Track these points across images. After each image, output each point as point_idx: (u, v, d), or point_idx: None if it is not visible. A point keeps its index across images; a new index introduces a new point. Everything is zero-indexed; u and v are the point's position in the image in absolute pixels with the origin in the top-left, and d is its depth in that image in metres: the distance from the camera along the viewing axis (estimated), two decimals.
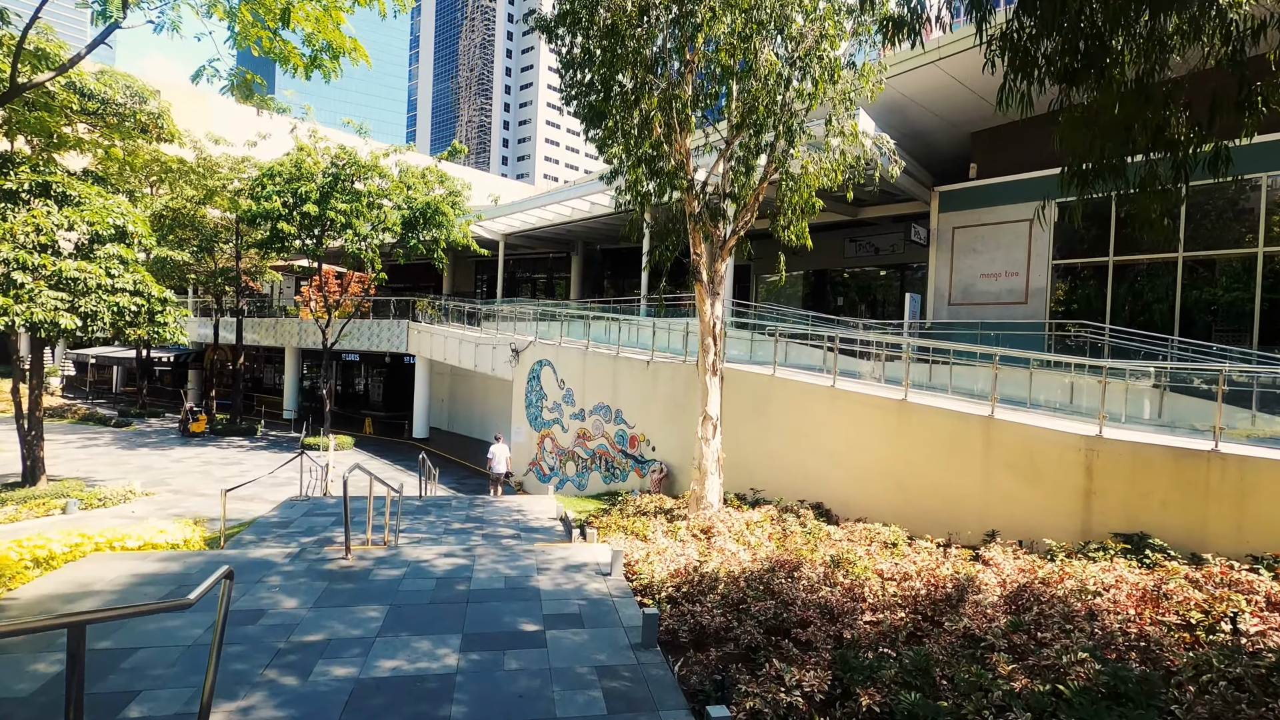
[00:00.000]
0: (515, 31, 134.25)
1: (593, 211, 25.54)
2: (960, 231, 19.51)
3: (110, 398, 38.85)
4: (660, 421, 15.28)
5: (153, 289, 15.74)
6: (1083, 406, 10.53)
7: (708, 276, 10.84)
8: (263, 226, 23.76)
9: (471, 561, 7.39)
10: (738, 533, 9.66)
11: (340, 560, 7.19)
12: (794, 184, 10.55)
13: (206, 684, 3.47)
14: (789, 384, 12.55)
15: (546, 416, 18.80)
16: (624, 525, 10.17)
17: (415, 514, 12.86)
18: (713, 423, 10.70)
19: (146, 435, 26.81)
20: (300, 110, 23.59)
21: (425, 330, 26.66)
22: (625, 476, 16.15)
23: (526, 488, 19.35)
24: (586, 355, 17.57)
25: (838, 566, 6.74)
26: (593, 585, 6.74)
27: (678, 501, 12.01)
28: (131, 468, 20.45)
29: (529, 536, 11.38)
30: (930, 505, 10.24)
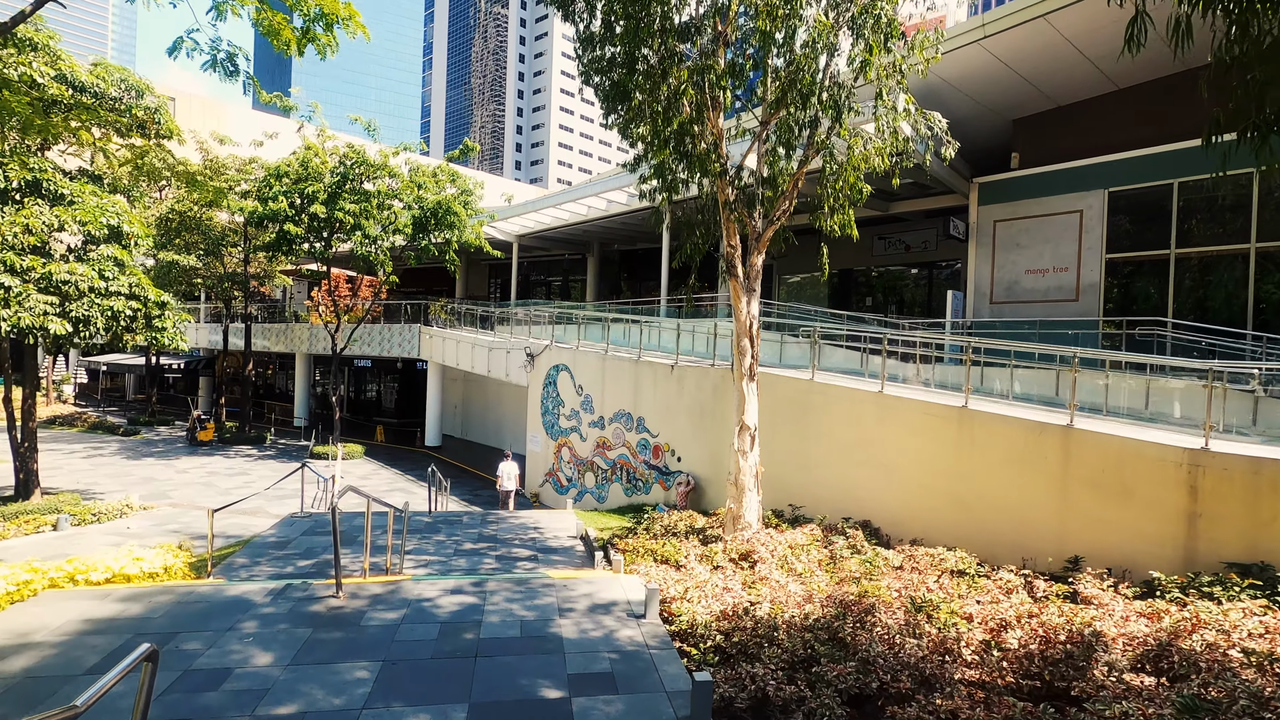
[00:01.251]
0: (528, 36, 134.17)
1: (610, 210, 24.55)
2: (1002, 225, 18.28)
3: (122, 405, 38.42)
4: (686, 430, 14.21)
5: (149, 292, 14.92)
6: (1173, 415, 9.33)
7: (743, 272, 9.77)
8: (269, 229, 23.02)
9: (482, 600, 6.37)
10: (782, 558, 8.57)
11: (330, 599, 6.21)
12: (838, 168, 9.46)
13: None
14: (830, 390, 11.44)
15: (564, 424, 17.79)
16: (652, 548, 9.10)
17: (424, 532, 11.88)
18: (750, 433, 9.63)
19: (154, 444, 26.15)
20: (307, 108, 22.85)
21: (437, 335, 25.79)
22: (648, 489, 15.09)
23: (543, 500, 18.34)
24: (606, 359, 16.55)
25: (919, 611, 5.64)
26: (625, 632, 5.70)
27: (710, 520, 10.92)
28: (134, 479, 19.70)
29: (547, 559, 10.35)
30: (998, 526, 9.08)
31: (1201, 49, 4.59)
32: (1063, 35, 14.47)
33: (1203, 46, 4.59)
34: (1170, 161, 15.16)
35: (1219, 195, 14.44)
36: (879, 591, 6.35)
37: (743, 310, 9.71)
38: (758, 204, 9.86)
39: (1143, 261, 15.87)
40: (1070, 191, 16.80)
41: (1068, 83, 16.48)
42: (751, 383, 9.71)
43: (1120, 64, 15.51)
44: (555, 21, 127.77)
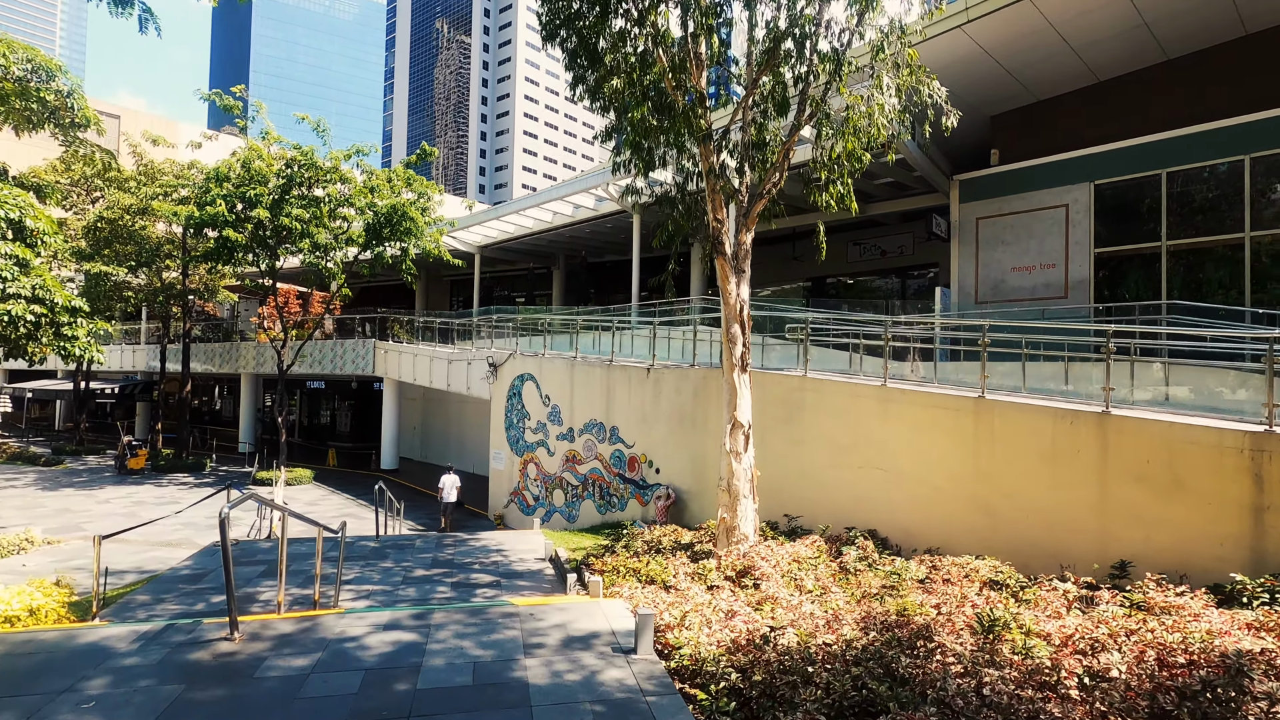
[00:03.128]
0: (491, 61, 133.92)
1: (576, 216, 23.43)
2: (985, 223, 17.65)
3: (50, 435, 35.54)
4: (665, 439, 12.96)
5: (57, 295, 13.19)
6: (1221, 398, 8.43)
7: (731, 250, 8.65)
8: (209, 237, 21.26)
9: (425, 636, 4.95)
10: (786, 572, 7.34)
11: (221, 643, 4.74)
12: (836, 131, 8.46)
13: None
14: (826, 386, 10.33)
15: (529, 439, 16.37)
16: (634, 567, 7.78)
17: (369, 559, 10.34)
18: (744, 431, 8.42)
19: (77, 474, 23.79)
20: (251, 108, 21.32)
21: (393, 350, 24.16)
22: (624, 505, 13.75)
23: (508, 522, 16.82)
24: (575, 366, 15.26)
25: (988, 631, 4.44)
26: (612, 673, 4.38)
27: (697, 533, 9.64)
28: (45, 511, 17.57)
29: (511, 584, 8.93)
30: (1027, 530, 8.00)
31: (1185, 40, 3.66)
32: (1047, 20, 13.92)
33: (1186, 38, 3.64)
34: (1158, 151, 14.66)
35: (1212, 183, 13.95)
36: (918, 609, 5.16)
37: (731, 293, 8.57)
38: (746, 172, 8.79)
39: (1133, 255, 15.29)
40: (1054, 185, 16.23)
41: (1049, 74, 16.00)
42: (744, 374, 8.54)
43: (1103, 54, 15.08)
44: (519, 46, 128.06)
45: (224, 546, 4.44)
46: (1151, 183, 14.84)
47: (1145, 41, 14.57)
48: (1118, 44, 14.57)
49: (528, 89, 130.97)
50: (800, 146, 9.77)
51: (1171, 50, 14.83)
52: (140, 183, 23.41)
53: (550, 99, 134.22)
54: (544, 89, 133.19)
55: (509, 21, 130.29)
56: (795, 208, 22.29)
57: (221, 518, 4.39)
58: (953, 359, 12.86)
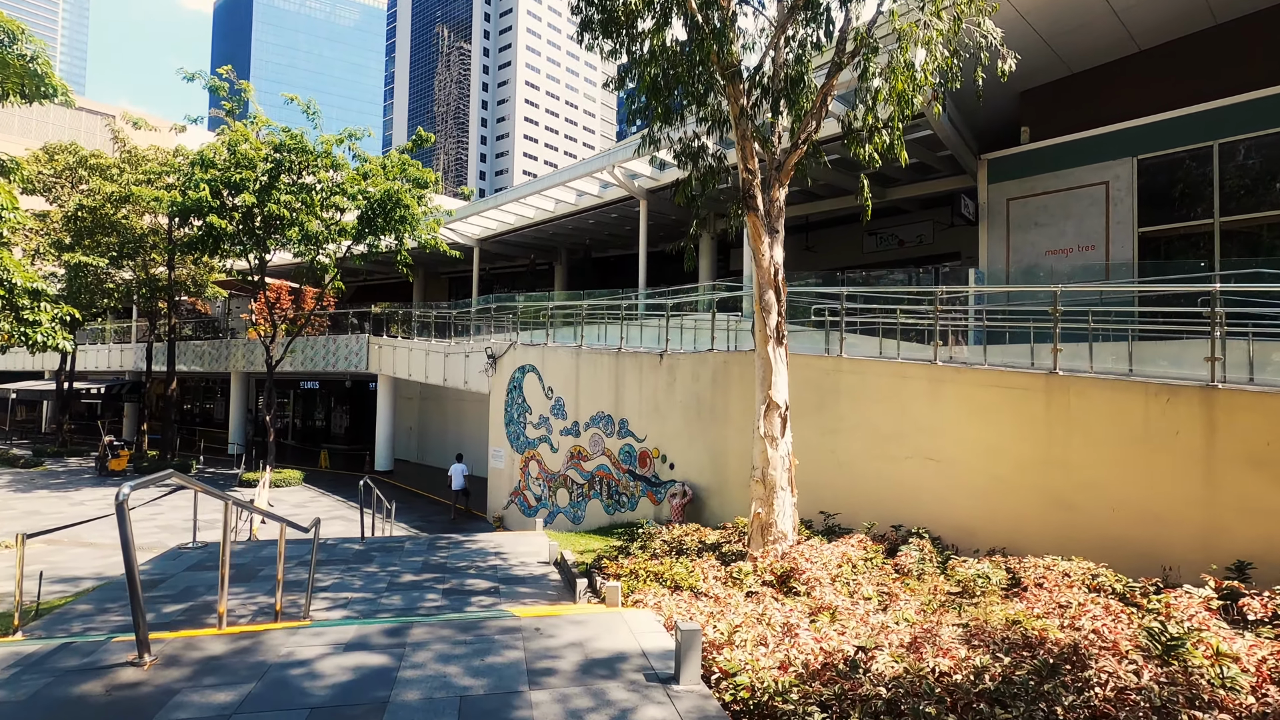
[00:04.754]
0: (491, 65, 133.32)
1: (579, 203, 22.36)
2: (1016, 204, 16.56)
3: (35, 437, 34.38)
4: (680, 431, 11.81)
5: (16, 276, 12.08)
6: None
7: (764, 206, 7.54)
8: (195, 226, 20.17)
9: (399, 659, 3.76)
10: (836, 576, 6.19)
11: (125, 669, 3.57)
12: (885, 68, 7.36)
13: None
14: (866, 367, 9.20)
15: (531, 434, 15.22)
16: (656, 570, 6.63)
17: (352, 563, 9.19)
18: (780, 413, 7.28)
19: (55, 475, 22.62)
20: (235, 89, 20.25)
21: (388, 344, 23.03)
22: (634, 504, 12.60)
23: (508, 524, 15.65)
24: (580, 355, 14.13)
25: (1167, 655, 3.29)
26: (652, 713, 3.22)
27: (723, 533, 8.49)
28: (13, 514, 16.42)
29: (511, 591, 7.78)
30: (1112, 526, 6.85)
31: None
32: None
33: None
34: (1210, 121, 13.55)
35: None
36: (1035, 621, 4.02)
37: (764, 254, 7.45)
38: (780, 118, 7.70)
39: (1182, 234, 14.19)
40: (1093, 162, 15.14)
41: (1087, 42, 14.95)
42: (779, 347, 7.40)
43: (1147, 18, 14.03)
44: (520, 51, 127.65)
45: (124, 541, 3.31)
46: (1202, 155, 13.75)
47: (1193, 4, 13.53)
48: (1163, 6, 13.52)
49: (528, 93, 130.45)
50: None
51: (1221, 13, 13.79)
52: (122, 169, 22.34)
53: (551, 103, 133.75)
54: (544, 93, 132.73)
55: (509, 26, 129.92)
56: (809, 194, 21.23)
57: (119, 501, 3.28)
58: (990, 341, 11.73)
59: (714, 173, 8.51)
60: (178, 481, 3.97)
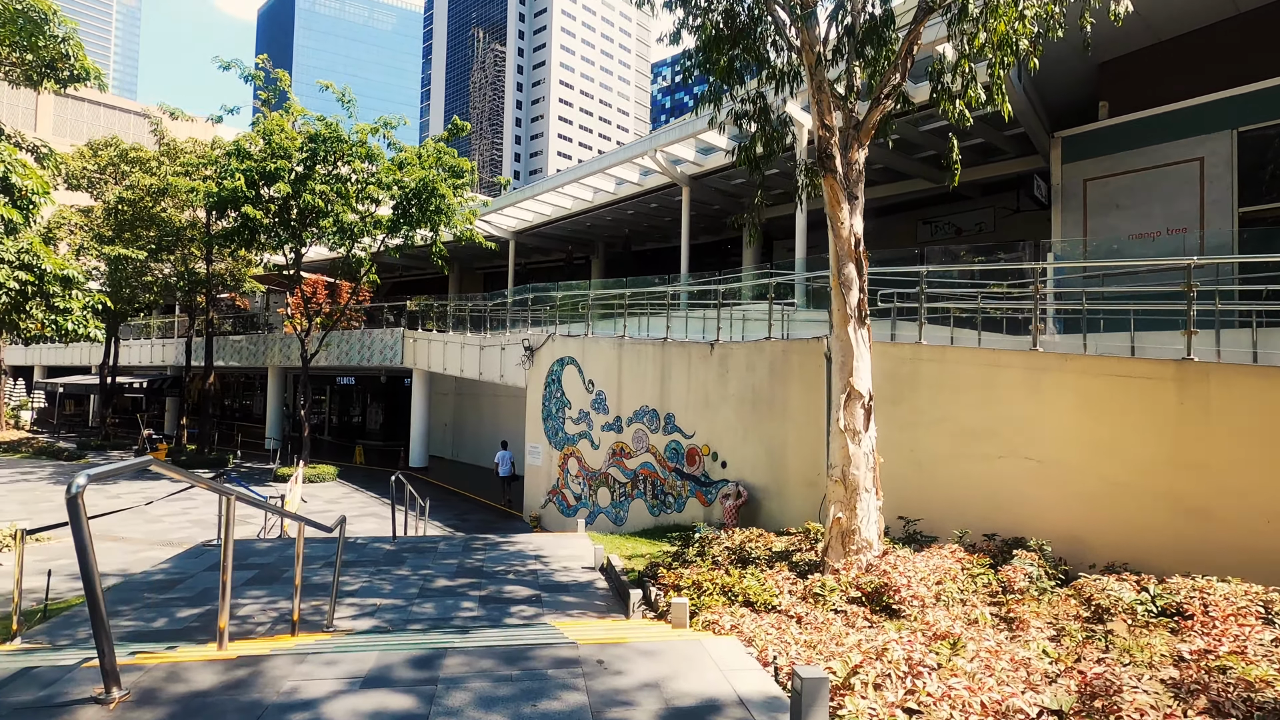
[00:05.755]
0: (525, 65, 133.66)
1: (619, 192, 21.58)
2: (1095, 184, 15.25)
3: (82, 430, 34.94)
4: (733, 426, 10.91)
5: (47, 262, 11.75)
6: None
7: (842, 167, 6.60)
8: (229, 215, 19.94)
9: (429, 704, 2.90)
10: (940, 594, 5.25)
11: (84, 707, 2.80)
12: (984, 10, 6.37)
13: None
14: (951, 355, 8.19)
15: (570, 430, 14.47)
16: (724, 583, 5.76)
17: (382, 565, 8.52)
18: (864, 404, 6.34)
19: (95, 469, 22.67)
20: (271, 78, 19.96)
21: (422, 338, 22.55)
22: (681, 505, 11.73)
23: (546, 524, 14.93)
24: (623, 347, 13.32)
25: None
26: None
27: (791, 539, 7.57)
28: (49, 506, 16.26)
29: (555, 600, 7.00)
30: (1265, 539, 5.76)
31: None
32: None
33: None
34: None
35: None
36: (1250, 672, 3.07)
37: (844, 222, 6.52)
38: (857, 71, 6.77)
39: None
40: (1185, 137, 13.80)
41: (1179, 7, 13.63)
42: (861, 329, 6.47)
43: None
44: (554, 50, 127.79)
45: (80, 547, 2.59)
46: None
47: None
48: None
49: (562, 92, 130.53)
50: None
51: None
52: (161, 162, 22.29)
53: (585, 101, 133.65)
54: (579, 91, 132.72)
55: (544, 26, 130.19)
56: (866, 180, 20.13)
57: (70, 496, 2.55)
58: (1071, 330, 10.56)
59: (780, 136, 7.60)
60: (158, 470, 3.25)
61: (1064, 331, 10.66)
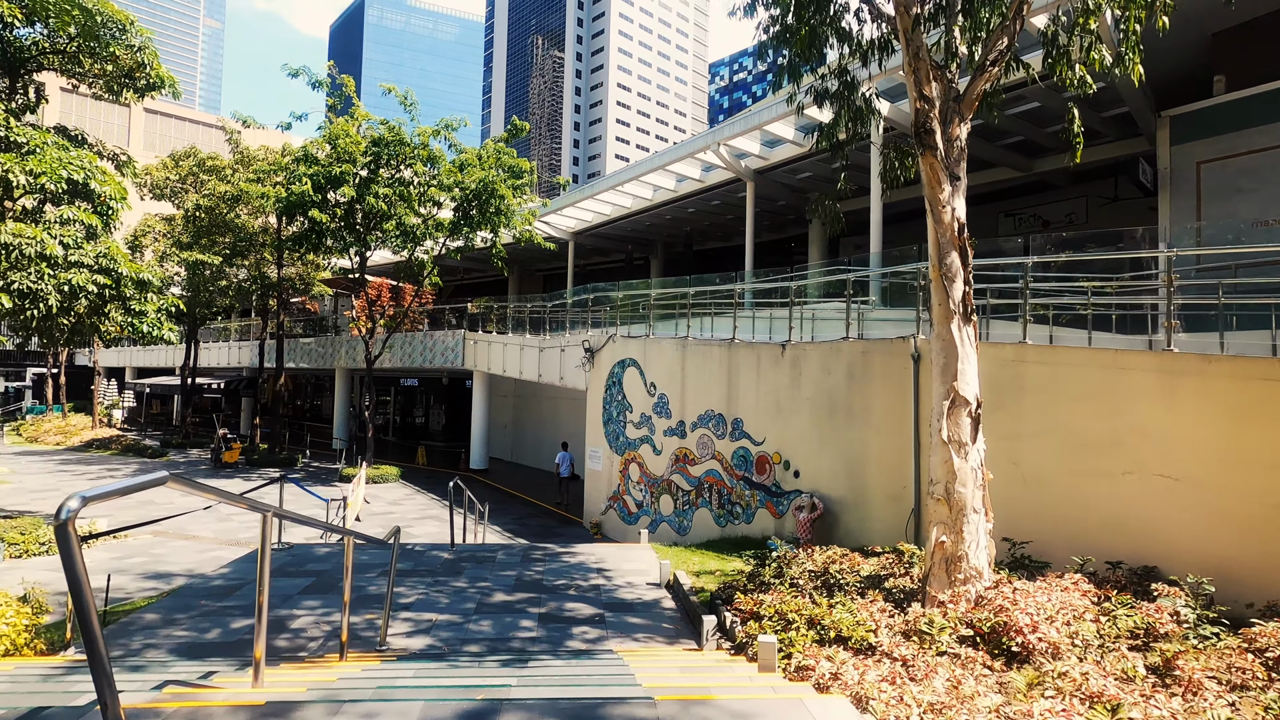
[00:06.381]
0: (584, 70, 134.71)
1: (679, 189, 21.00)
2: (1210, 168, 13.78)
3: (167, 429, 36.72)
4: (806, 434, 10.16)
5: (123, 266, 12.02)
6: None
7: (942, 144, 5.84)
8: (298, 220, 20.37)
9: None
10: (1070, 634, 4.44)
11: None
12: None
13: None
14: (1064, 357, 7.26)
15: (631, 434, 13.96)
16: (812, 614, 5.10)
17: (440, 575, 8.18)
18: (970, 412, 5.57)
19: (175, 466, 23.61)
20: (337, 84, 20.28)
21: (482, 340, 22.53)
22: (750, 516, 11.04)
23: (606, 531, 14.46)
24: (687, 348, 12.72)
25: None
26: None
27: (882, 561, 6.80)
28: (128, 503, 16.81)
29: (619, 621, 6.48)
30: None
31: None
32: None
33: None
34: None
35: None
36: None
37: (945, 206, 5.75)
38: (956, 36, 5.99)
39: None
40: None
41: None
42: (967, 326, 5.70)
43: None
44: (612, 53, 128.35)
45: (73, 579, 2.23)
46: None
47: None
48: None
49: (620, 95, 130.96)
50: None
51: None
52: (235, 169, 23.04)
53: (642, 104, 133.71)
54: (636, 94, 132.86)
55: (601, 30, 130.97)
56: None
57: (60, 522, 2.16)
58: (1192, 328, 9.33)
59: (864, 115, 6.86)
60: (175, 488, 2.86)
61: (1188, 329, 9.49)
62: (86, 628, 2.19)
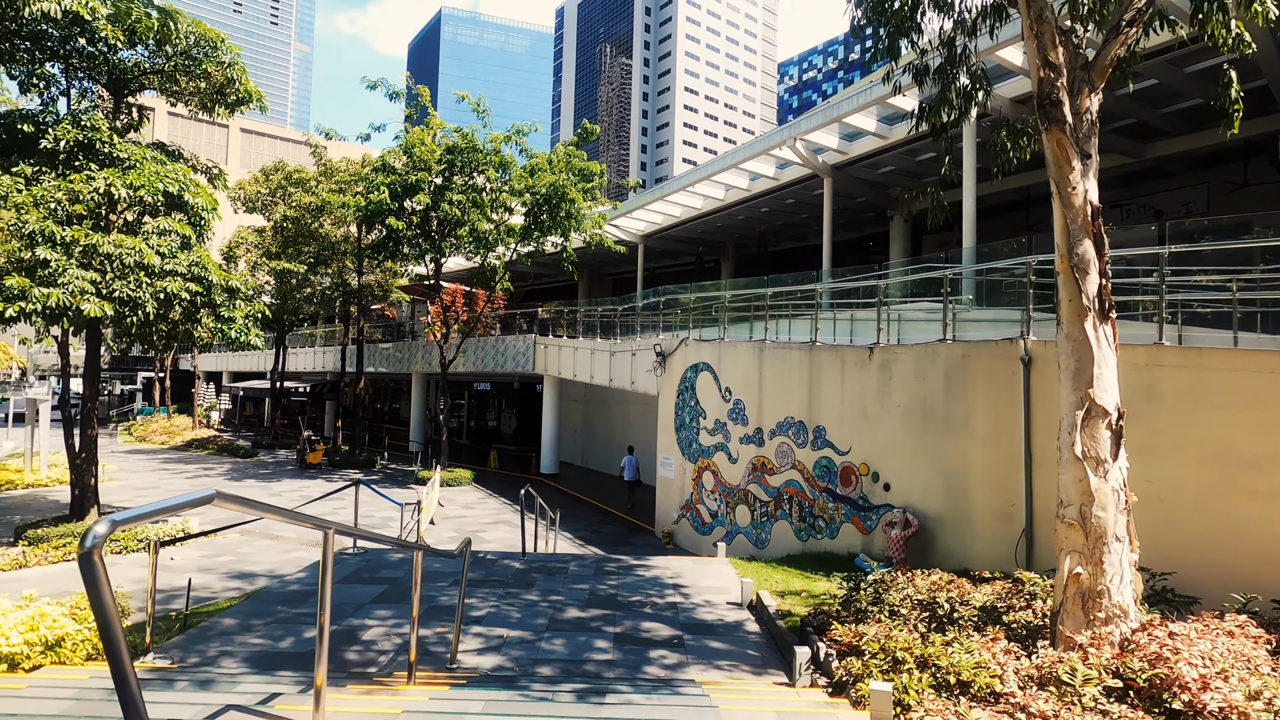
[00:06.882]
0: (651, 75, 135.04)
1: (753, 187, 20.37)
2: None
3: (258, 430, 38.70)
4: (898, 444, 9.41)
5: (213, 274, 12.46)
6: None
7: (1071, 117, 5.12)
8: (376, 228, 20.92)
9: None
10: (1253, 694, 3.68)
11: None
12: None
13: None
14: (1208, 360, 6.33)
15: (705, 441, 13.45)
16: (924, 654, 4.49)
17: (509, 587, 7.93)
18: (1110, 424, 4.83)
19: (264, 466, 24.68)
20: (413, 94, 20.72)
21: (553, 344, 22.52)
22: (834, 531, 10.34)
23: (679, 541, 14.00)
24: (764, 352, 12.14)
25: None
26: None
27: (996, 588, 6.06)
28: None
29: (701, 646, 6.01)
30: None
31: None
32: None
33: None
34: None
35: None
36: None
37: (1075, 188, 5.03)
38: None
39: None
40: None
41: None
42: (1104, 324, 4.95)
43: None
44: (679, 56, 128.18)
45: (101, 612, 1.97)
46: None
47: None
48: None
49: (688, 99, 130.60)
50: None
51: None
52: (319, 181, 23.95)
53: (710, 107, 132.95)
54: (704, 97, 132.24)
55: (669, 35, 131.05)
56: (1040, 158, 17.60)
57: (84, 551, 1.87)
58: None
59: (972, 92, 6.17)
60: (222, 506, 2.61)
61: None
62: (118, 668, 1.92)
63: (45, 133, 11.66)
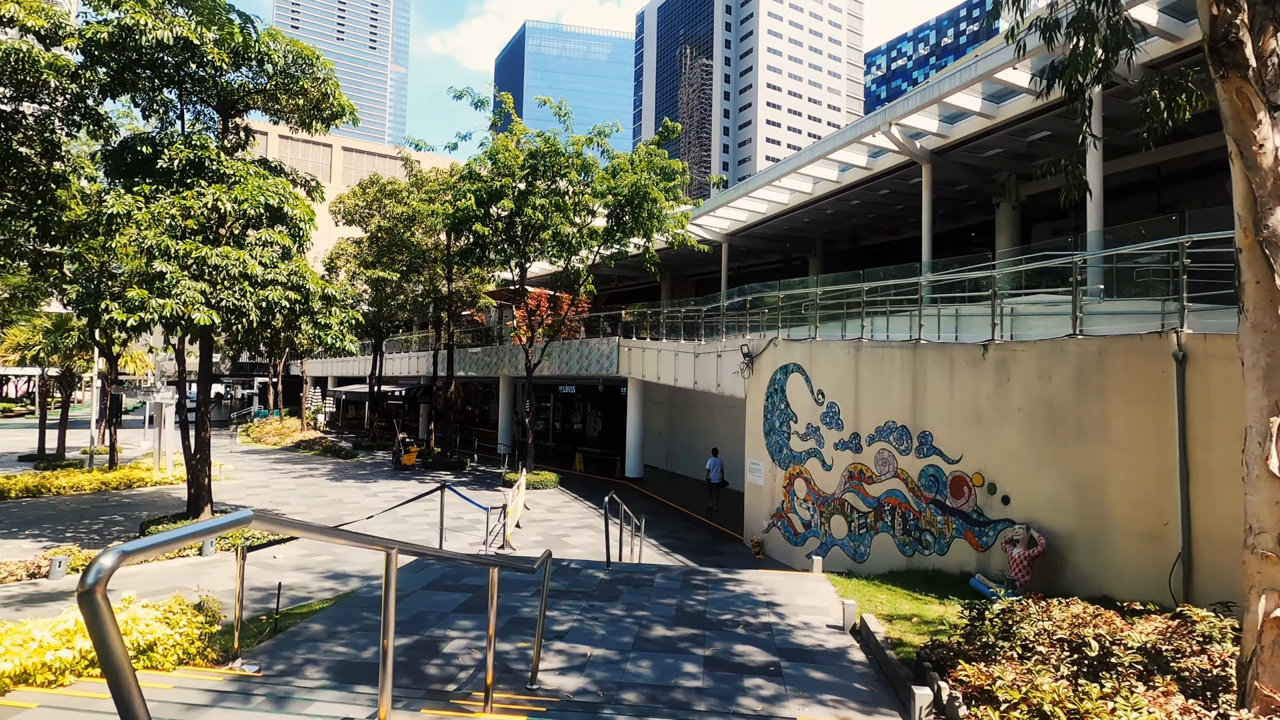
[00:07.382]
0: (732, 74, 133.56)
1: (844, 179, 19.36)
2: None
3: (359, 432, 40.71)
4: (1019, 452, 8.43)
5: (311, 282, 12.92)
6: None
7: (1255, 60, 4.23)
8: (464, 235, 21.37)
9: None
10: None
11: None
12: None
13: None
14: None
15: (797, 447, 12.73)
16: (1064, 702, 3.75)
17: (593, 600, 7.60)
18: None
19: (363, 467, 25.75)
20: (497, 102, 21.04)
21: (636, 346, 22.25)
22: (943, 546, 9.42)
23: (769, 551, 13.33)
24: (860, 352, 11.32)
25: None
26: None
27: (1157, 625, 5.15)
28: (323, 501, 18.35)
29: (800, 675, 5.45)
30: None
31: None
32: None
33: None
34: None
35: None
36: None
37: (1262, 145, 4.15)
38: None
39: None
40: None
41: None
42: None
43: None
44: (761, 53, 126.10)
45: (106, 658, 1.72)
46: None
47: None
48: None
49: (770, 95, 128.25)
50: None
51: None
52: (410, 192, 24.79)
53: (793, 102, 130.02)
54: (786, 93, 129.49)
55: (750, 31, 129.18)
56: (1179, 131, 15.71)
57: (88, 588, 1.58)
58: None
59: (1119, 43, 5.29)
60: (260, 528, 2.36)
61: None
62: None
63: (161, 153, 12.43)
